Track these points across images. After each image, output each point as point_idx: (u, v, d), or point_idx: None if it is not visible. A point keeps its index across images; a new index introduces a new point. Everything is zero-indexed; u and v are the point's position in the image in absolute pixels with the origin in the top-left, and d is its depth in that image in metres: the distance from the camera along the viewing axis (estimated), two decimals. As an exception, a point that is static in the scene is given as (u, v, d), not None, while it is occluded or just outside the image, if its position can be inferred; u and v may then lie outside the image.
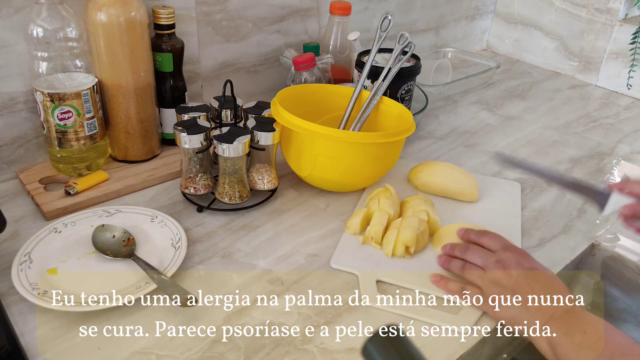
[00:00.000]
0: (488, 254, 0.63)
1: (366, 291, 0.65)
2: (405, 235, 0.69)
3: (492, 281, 0.61)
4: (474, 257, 0.64)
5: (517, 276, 0.59)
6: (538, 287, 0.58)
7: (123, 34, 0.75)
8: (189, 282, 0.65)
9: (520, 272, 0.59)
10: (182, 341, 0.58)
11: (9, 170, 0.81)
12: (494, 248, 0.64)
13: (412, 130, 0.78)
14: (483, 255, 0.63)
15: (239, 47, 1.00)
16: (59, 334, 0.58)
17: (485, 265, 0.62)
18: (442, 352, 0.58)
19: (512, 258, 0.61)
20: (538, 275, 0.59)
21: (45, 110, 0.75)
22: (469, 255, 0.65)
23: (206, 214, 0.77)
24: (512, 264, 0.60)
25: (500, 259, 0.61)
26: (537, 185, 0.90)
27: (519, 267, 0.60)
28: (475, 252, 0.64)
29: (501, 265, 0.61)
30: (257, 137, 0.75)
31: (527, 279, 0.59)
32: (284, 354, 0.57)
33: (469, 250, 0.65)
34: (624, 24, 1.28)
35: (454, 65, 1.34)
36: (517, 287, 0.59)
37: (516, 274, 0.59)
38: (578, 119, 1.17)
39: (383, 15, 0.85)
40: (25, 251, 0.65)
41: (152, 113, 0.84)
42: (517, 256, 0.61)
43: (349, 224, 0.75)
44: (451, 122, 1.11)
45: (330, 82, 0.99)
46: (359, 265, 0.69)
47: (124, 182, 0.81)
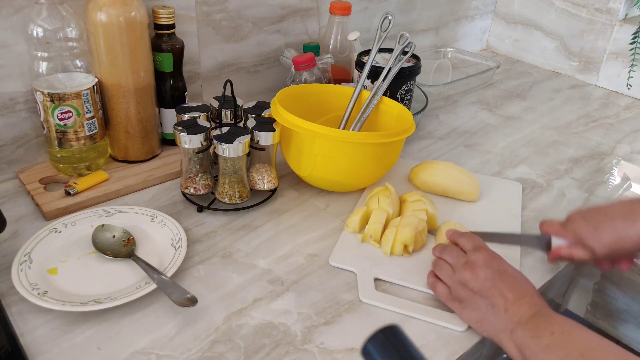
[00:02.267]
0: (460, 254, 0.62)
1: (364, 289, 0.65)
2: (404, 234, 0.69)
3: (460, 282, 0.60)
4: (446, 257, 0.64)
5: (484, 278, 0.58)
6: (506, 289, 0.57)
7: (123, 34, 0.75)
8: (189, 282, 0.65)
9: (488, 274, 0.58)
10: (182, 341, 0.58)
11: (9, 170, 0.81)
12: (466, 248, 0.63)
13: (412, 130, 0.78)
14: (455, 255, 0.63)
15: (239, 47, 1.00)
16: (59, 334, 0.58)
17: (454, 265, 0.62)
18: (442, 352, 0.58)
19: (481, 259, 0.60)
20: (506, 277, 0.58)
21: (45, 110, 0.75)
22: (444, 255, 0.64)
23: (206, 214, 0.77)
24: (480, 265, 0.59)
25: (469, 259, 0.60)
26: (537, 185, 0.90)
27: (487, 268, 0.58)
28: (448, 252, 0.64)
29: (469, 267, 0.60)
30: (257, 137, 0.75)
31: (494, 281, 0.57)
32: (284, 354, 0.57)
33: (445, 250, 0.65)
34: (624, 24, 1.28)
35: (454, 65, 1.34)
36: (483, 290, 0.58)
37: (484, 276, 0.58)
38: (578, 119, 1.17)
39: (383, 15, 0.85)
40: (25, 251, 0.65)
41: (152, 113, 0.84)
42: (487, 257, 0.60)
43: (348, 222, 0.75)
44: (451, 122, 1.11)
45: (330, 82, 0.99)
46: (358, 263, 0.69)
47: (124, 182, 0.81)
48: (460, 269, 0.60)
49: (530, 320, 0.54)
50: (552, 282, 0.71)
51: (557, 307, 0.83)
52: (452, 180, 0.83)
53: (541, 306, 0.55)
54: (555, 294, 0.79)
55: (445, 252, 0.65)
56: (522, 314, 0.55)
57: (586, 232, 0.62)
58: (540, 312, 0.55)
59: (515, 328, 0.54)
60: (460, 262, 0.61)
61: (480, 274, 0.58)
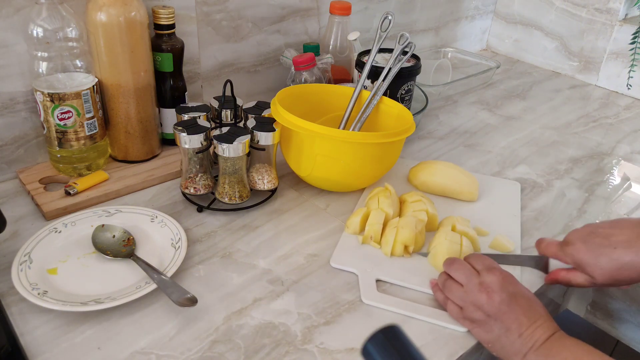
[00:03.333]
0: (472, 274, 0.60)
1: (366, 290, 0.65)
2: (404, 235, 0.69)
3: (474, 304, 0.58)
4: (457, 274, 0.61)
5: (499, 302, 0.56)
6: (520, 313, 0.55)
7: (123, 34, 0.75)
8: (189, 282, 0.65)
9: (504, 298, 0.56)
10: (182, 341, 0.58)
11: (9, 170, 0.81)
12: (478, 268, 0.60)
13: (412, 130, 0.78)
14: (467, 274, 0.60)
15: (239, 47, 1.00)
16: (59, 334, 0.58)
17: (467, 286, 0.59)
18: (442, 352, 0.58)
19: (496, 282, 0.58)
20: (521, 300, 0.57)
21: (45, 110, 0.75)
22: (453, 271, 0.62)
23: (206, 214, 0.77)
24: (496, 289, 0.57)
25: (484, 281, 0.58)
26: (537, 185, 0.90)
27: (502, 292, 0.57)
28: (459, 269, 0.61)
29: (484, 290, 0.57)
30: (257, 137, 0.75)
31: (510, 306, 0.56)
32: (284, 354, 0.57)
33: (454, 265, 0.62)
34: (624, 24, 1.28)
35: (454, 65, 1.34)
36: (499, 314, 0.56)
37: (499, 300, 0.56)
38: (578, 119, 1.17)
39: (383, 15, 0.85)
40: (25, 251, 0.65)
41: (152, 113, 0.84)
42: (501, 280, 0.58)
43: (349, 223, 0.75)
44: (451, 122, 1.11)
45: (330, 82, 0.99)
46: (359, 264, 0.69)
47: (124, 182, 0.81)
48: (474, 291, 0.58)
49: (543, 345, 0.53)
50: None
51: (557, 307, 0.83)
52: (451, 180, 0.83)
53: (554, 330, 0.55)
54: (555, 294, 0.79)
55: (454, 270, 0.61)
56: (536, 339, 0.54)
57: (586, 258, 0.60)
58: (553, 336, 0.54)
59: (528, 353, 0.54)
60: (473, 283, 0.59)
61: (496, 298, 0.56)
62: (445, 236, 0.69)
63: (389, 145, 0.77)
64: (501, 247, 0.72)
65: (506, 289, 0.57)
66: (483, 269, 0.60)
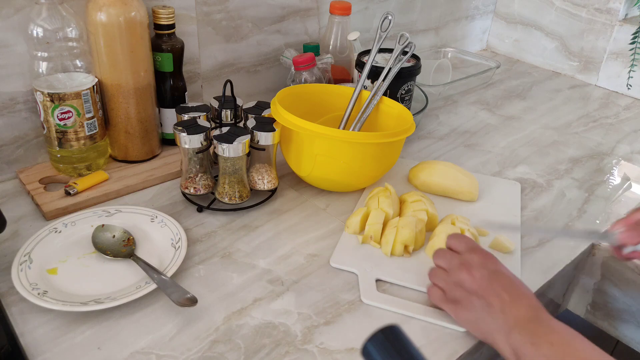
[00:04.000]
0: (453, 256, 0.61)
1: (366, 290, 0.65)
2: (404, 235, 0.69)
3: (455, 283, 0.58)
4: (439, 260, 0.62)
5: (480, 278, 0.56)
6: (502, 291, 0.55)
7: (123, 34, 0.75)
8: (189, 282, 0.65)
9: (484, 274, 0.56)
10: (182, 341, 0.58)
11: (9, 170, 0.81)
12: (460, 249, 0.61)
13: (412, 130, 0.78)
14: (448, 257, 0.61)
15: (239, 47, 1.00)
16: (59, 334, 0.58)
17: (449, 267, 0.60)
18: (442, 352, 0.58)
19: (477, 260, 0.58)
20: (502, 278, 0.56)
21: (45, 110, 0.75)
22: (435, 259, 0.63)
23: (206, 214, 0.77)
24: (475, 266, 0.57)
25: (464, 260, 0.59)
26: (537, 185, 0.90)
27: (482, 269, 0.57)
28: (441, 256, 0.62)
29: (465, 267, 0.58)
30: (257, 137, 0.75)
31: (490, 282, 0.56)
32: (284, 354, 0.57)
33: (436, 254, 0.63)
34: (624, 24, 1.28)
35: (454, 65, 1.34)
36: (480, 290, 0.56)
37: (479, 276, 0.56)
38: (578, 119, 1.17)
39: (383, 15, 0.85)
40: (25, 251, 0.65)
41: (152, 113, 0.84)
42: (482, 258, 0.58)
43: (349, 223, 0.75)
44: (451, 122, 1.11)
45: (330, 82, 0.99)
46: (359, 264, 0.69)
47: (124, 182, 0.81)
48: (455, 270, 0.59)
49: (528, 325, 0.53)
50: (552, 282, 0.71)
51: (557, 307, 0.83)
52: (451, 181, 0.83)
53: (539, 310, 0.54)
54: (555, 294, 0.79)
55: (438, 257, 0.63)
56: (520, 316, 0.53)
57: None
58: (538, 317, 0.53)
59: (512, 330, 0.53)
60: (454, 264, 0.60)
61: (476, 274, 0.57)
62: (445, 229, 0.69)
63: (389, 145, 0.77)
64: (501, 247, 0.72)
65: (487, 266, 0.57)
66: (464, 250, 0.60)
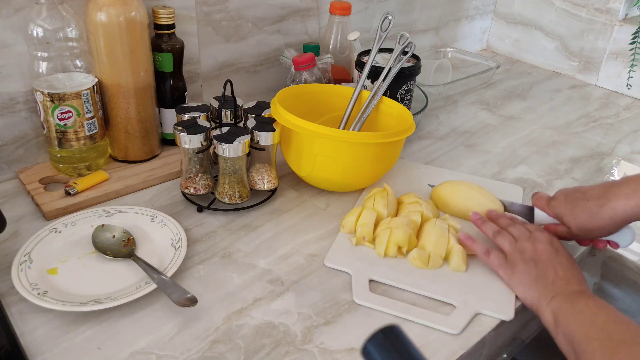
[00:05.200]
0: (525, 230, 0.68)
1: (358, 290, 0.65)
2: (397, 236, 0.69)
3: (519, 250, 0.65)
4: (513, 230, 0.69)
5: (542, 251, 0.64)
6: (558, 266, 0.62)
7: (123, 34, 0.75)
8: (189, 282, 0.65)
9: (548, 249, 0.64)
10: (182, 341, 0.58)
11: (9, 170, 0.81)
12: (532, 228, 0.69)
13: (412, 131, 0.78)
14: (521, 229, 0.68)
15: (239, 47, 1.00)
16: (59, 334, 0.58)
17: (518, 237, 0.67)
18: (442, 352, 0.58)
19: (544, 237, 0.66)
20: (561, 258, 0.64)
21: (45, 110, 0.75)
22: (511, 228, 0.69)
23: (206, 214, 0.77)
24: (542, 241, 0.65)
25: (534, 235, 0.67)
26: (537, 187, 0.90)
27: (547, 245, 0.65)
28: (517, 227, 0.69)
29: (532, 240, 0.66)
30: (257, 137, 0.75)
31: (550, 256, 0.63)
32: (284, 354, 0.57)
33: (513, 225, 0.70)
34: (624, 24, 1.28)
35: (454, 65, 1.34)
36: (539, 261, 0.63)
37: (543, 250, 0.64)
38: (578, 119, 1.17)
39: (383, 15, 0.85)
40: (25, 251, 0.65)
41: (152, 113, 0.84)
42: (550, 237, 0.66)
43: (344, 222, 0.74)
44: (451, 122, 1.11)
45: (330, 82, 0.99)
46: (353, 264, 0.69)
47: (124, 182, 0.81)
48: (523, 240, 0.66)
49: (572, 293, 0.60)
50: (552, 282, 0.71)
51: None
52: (477, 207, 0.77)
53: (586, 288, 0.61)
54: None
55: (511, 227, 0.69)
56: (566, 288, 0.60)
57: (564, 211, 0.68)
58: (584, 292, 0.60)
59: (556, 297, 0.60)
60: (524, 235, 0.67)
61: (540, 248, 0.64)
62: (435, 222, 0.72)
63: (388, 145, 0.77)
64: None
65: (552, 244, 0.65)
66: (535, 229, 0.68)
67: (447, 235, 0.70)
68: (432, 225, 0.71)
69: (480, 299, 0.64)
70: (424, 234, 0.71)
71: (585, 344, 0.53)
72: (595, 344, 0.52)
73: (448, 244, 0.69)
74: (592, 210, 0.65)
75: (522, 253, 0.65)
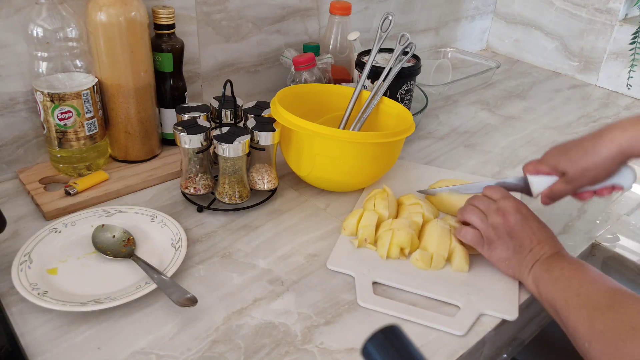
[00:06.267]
0: (490, 202, 0.69)
1: (362, 293, 0.65)
2: (399, 237, 0.69)
3: (492, 225, 0.66)
4: (477, 203, 0.70)
5: (514, 222, 0.65)
6: (532, 234, 0.65)
7: (123, 34, 0.75)
8: (189, 282, 0.65)
9: (518, 218, 0.65)
10: (182, 341, 0.58)
11: (9, 170, 0.81)
12: (495, 197, 0.69)
13: (412, 130, 0.78)
14: (486, 202, 0.69)
15: (239, 47, 1.00)
16: (59, 334, 0.58)
17: (486, 211, 0.68)
18: (442, 352, 0.58)
19: (511, 206, 0.67)
20: (532, 222, 0.66)
21: (45, 110, 0.75)
22: (474, 202, 0.71)
23: (206, 214, 0.77)
24: (511, 211, 0.66)
25: (500, 206, 0.67)
26: (537, 185, 0.90)
27: (517, 214, 0.66)
28: (479, 200, 0.70)
29: (501, 212, 0.66)
30: (257, 137, 0.75)
31: (523, 225, 0.65)
32: (284, 354, 0.57)
33: (475, 199, 0.71)
34: (624, 24, 1.28)
35: (454, 65, 1.34)
36: (513, 232, 0.65)
37: (514, 220, 0.65)
38: (578, 119, 1.17)
39: (384, 15, 0.85)
40: (25, 251, 0.65)
41: (152, 113, 0.84)
42: (515, 204, 0.67)
43: (345, 224, 0.74)
44: (451, 122, 1.11)
45: (330, 82, 0.99)
46: (355, 266, 0.68)
47: (124, 182, 0.81)
48: (492, 214, 0.67)
49: (548, 259, 0.63)
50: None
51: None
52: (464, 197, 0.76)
53: (560, 248, 0.64)
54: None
55: (475, 200, 0.71)
56: (543, 253, 0.63)
57: (559, 158, 0.68)
58: (558, 253, 0.63)
59: (535, 264, 0.63)
60: (491, 209, 0.68)
61: (511, 219, 0.66)
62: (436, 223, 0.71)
63: (388, 145, 0.77)
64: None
65: (520, 211, 0.66)
66: (499, 198, 0.69)
67: (449, 236, 0.70)
68: (434, 226, 0.71)
69: (484, 299, 0.64)
70: (425, 235, 0.71)
71: (566, 312, 0.57)
72: (575, 314, 0.56)
73: (450, 245, 0.69)
74: (588, 147, 0.64)
75: (496, 229, 0.66)
